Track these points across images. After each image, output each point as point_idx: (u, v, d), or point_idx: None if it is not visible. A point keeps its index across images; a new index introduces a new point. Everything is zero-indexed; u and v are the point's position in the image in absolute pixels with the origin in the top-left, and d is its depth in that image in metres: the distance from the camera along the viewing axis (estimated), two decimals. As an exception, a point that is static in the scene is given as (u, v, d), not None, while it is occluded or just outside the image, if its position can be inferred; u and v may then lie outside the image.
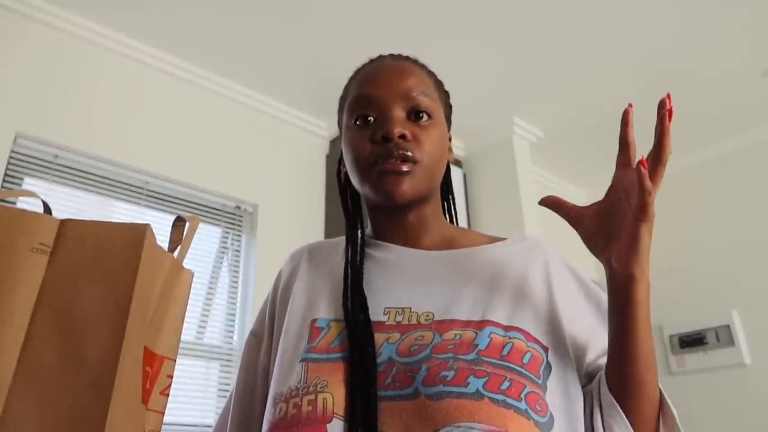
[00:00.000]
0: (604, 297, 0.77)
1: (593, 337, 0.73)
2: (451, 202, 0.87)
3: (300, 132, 3.02)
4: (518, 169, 3.08)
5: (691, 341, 3.15)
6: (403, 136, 0.73)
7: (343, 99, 0.85)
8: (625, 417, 0.64)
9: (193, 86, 2.67)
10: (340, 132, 0.86)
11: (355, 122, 0.77)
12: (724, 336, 3.08)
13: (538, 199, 0.70)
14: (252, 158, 2.77)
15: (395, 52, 0.88)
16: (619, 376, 0.65)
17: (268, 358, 0.79)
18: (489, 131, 3.17)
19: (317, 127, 3.06)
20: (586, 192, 3.89)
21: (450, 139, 0.84)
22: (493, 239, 0.82)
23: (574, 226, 0.68)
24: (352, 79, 0.84)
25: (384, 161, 0.73)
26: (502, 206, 3.08)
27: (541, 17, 2.44)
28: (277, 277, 0.86)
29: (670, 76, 2.80)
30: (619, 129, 0.66)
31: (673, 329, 3.25)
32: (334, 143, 3.05)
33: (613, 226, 0.63)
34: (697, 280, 3.27)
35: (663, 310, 3.30)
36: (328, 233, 2.83)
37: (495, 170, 3.18)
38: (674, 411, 0.66)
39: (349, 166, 0.78)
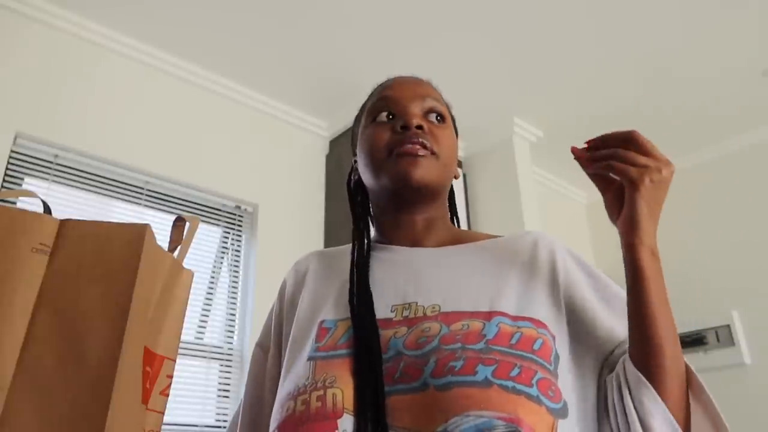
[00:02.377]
0: (614, 286, 0.77)
1: (607, 328, 0.73)
2: (455, 211, 0.90)
3: (300, 132, 3.02)
4: (518, 169, 3.08)
5: (691, 341, 3.15)
6: (420, 127, 0.77)
7: (360, 113, 0.88)
8: (653, 388, 0.63)
9: (192, 86, 2.67)
10: (353, 147, 0.88)
11: (374, 119, 0.81)
12: (724, 336, 3.08)
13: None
14: (252, 158, 2.77)
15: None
16: (642, 351, 0.65)
17: (276, 368, 0.79)
18: (489, 131, 3.17)
19: (317, 127, 3.06)
20: (587, 192, 3.89)
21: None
22: (496, 237, 0.84)
23: (601, 192, 0.71)
24: (370, 95, 0.88)
25: (402, 146, 0.76)
26: (502, 206, 3.08)
27: (541, 17, 2.44)
28: (281, 287, 0.86)
29: (670, 76, 2.80)
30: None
31: (673, 329, 3.25)
32: (334, 143, 3.05)
33: (621, 198, 0.67)
34: (697, 280, 3.27)
35: (663, 310, 3.29)
36: (328, 233, 2.83)
37: (495, 170, 3.18)
38: (705, 385, 0.64)
39: (365, 158, 0.80)
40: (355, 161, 0.87)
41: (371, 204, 0.86)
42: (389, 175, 0.77)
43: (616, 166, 0.65)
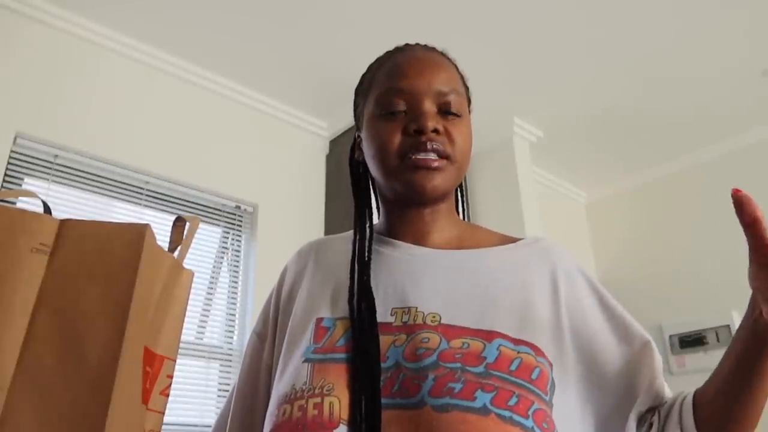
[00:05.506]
0: (623, 313, 0.75)
1: (628, 371, 0.72)
2: (462, 197, 0.86)
3: (300, 132, 3.02)
4: (518, 169, 3.08)
5: (691, 341, 3.15)
6: (436, 131, 0.72)
7: (365, 86, 0.82)
8: None
9: (193, 86, 2.67)
10: (356, 121, 0.83)
11: (384, 112, 0.75)
12: (724, 336, 3.08)
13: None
14: (252, 158, 2.77)
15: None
16: (723, 414, 0.65)
17: (271, 357, 0.77)
18: (489, 131, 3.17)
19: (317, 127, 3.06)
20: (586, 192, 3.89)
21: None
22: (505, 239, 0.80)
23: (750, 256, 0.62)
24: (378, 67, 0.81)
25: (416, 154, 0.71)
26: (502, 206, 3.08)
27: (541, 17, 2.44)
28: (282, 273, 0.83)
29: (669, 76, 2.80)
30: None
31: (673, 329, 3.24)
32: (334, 143, 3.05)
33: None
34: (697, 280, 3.27)
35: (663, 310, 3.29)
36: (328, 233, 2.83)
37: (495, 170, 3.18)
38: None
39: (373, 156, 0.75)
40: (358, 136, 0.82)
41: (376, 188, 0.82)
42: (401, 183, 0.73)
43: None
